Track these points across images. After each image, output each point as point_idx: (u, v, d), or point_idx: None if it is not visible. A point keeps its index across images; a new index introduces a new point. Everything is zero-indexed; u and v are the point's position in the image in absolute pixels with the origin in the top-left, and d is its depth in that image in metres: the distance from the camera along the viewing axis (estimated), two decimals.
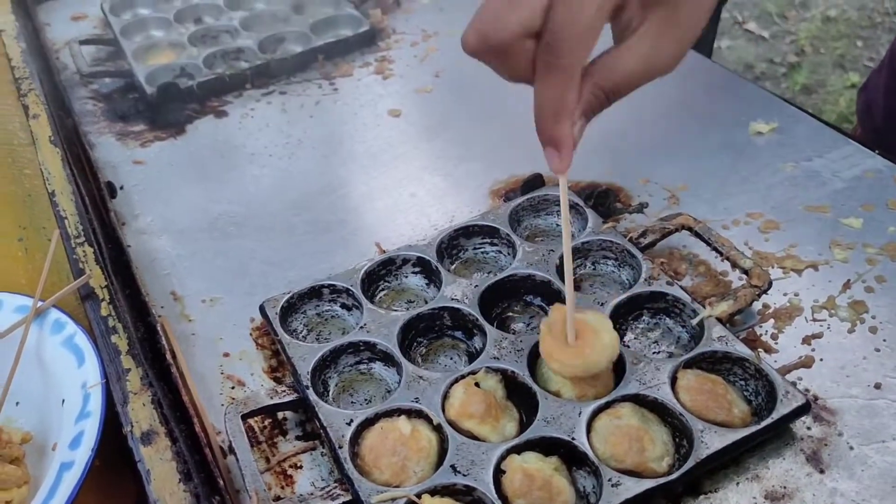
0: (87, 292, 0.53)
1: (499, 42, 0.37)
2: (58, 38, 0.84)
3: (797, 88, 2.34)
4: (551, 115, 0.38)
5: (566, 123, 0.38)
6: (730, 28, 2.66)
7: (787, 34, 2.63)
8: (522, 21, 0.36)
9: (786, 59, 2.51)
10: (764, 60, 2.53)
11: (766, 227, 0.54)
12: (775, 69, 2.48)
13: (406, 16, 0.82)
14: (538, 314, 0.51)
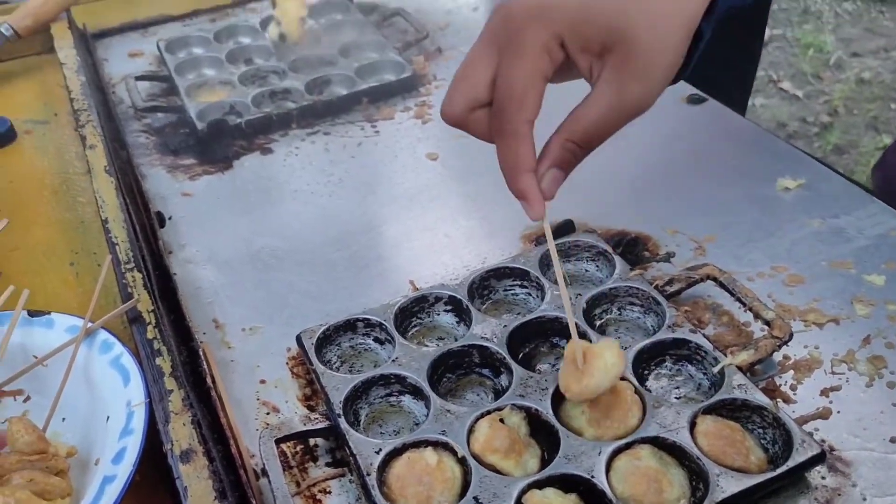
0: (134, 316, 0.55)
1: (450, 118, 0.42)
2: (115, 74, 0.89)
3: (829, 148, 2.36)
4: (510, 172, 0.42)
5: (525, 177, 0.42)
6: (765, 86, 2.69)
7: (822, 94, 2.65)
8: (468, 98, 0.41)
9: (819, 119, 2.53)
10: (797, 119, 2.55)
11: (791, 281, 0.55)
12: (808, 128, 2.50)
13: (447, 63, 0.85)
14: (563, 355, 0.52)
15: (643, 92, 0.41)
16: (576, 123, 0.41)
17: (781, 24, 2.95)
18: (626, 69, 0.40)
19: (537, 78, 0.40)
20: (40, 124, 0.84)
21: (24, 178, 0.77)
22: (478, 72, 0.41)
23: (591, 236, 0.58)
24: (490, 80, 0.40)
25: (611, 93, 0.40)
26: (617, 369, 0.44)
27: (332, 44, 0.86)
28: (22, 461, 0.48)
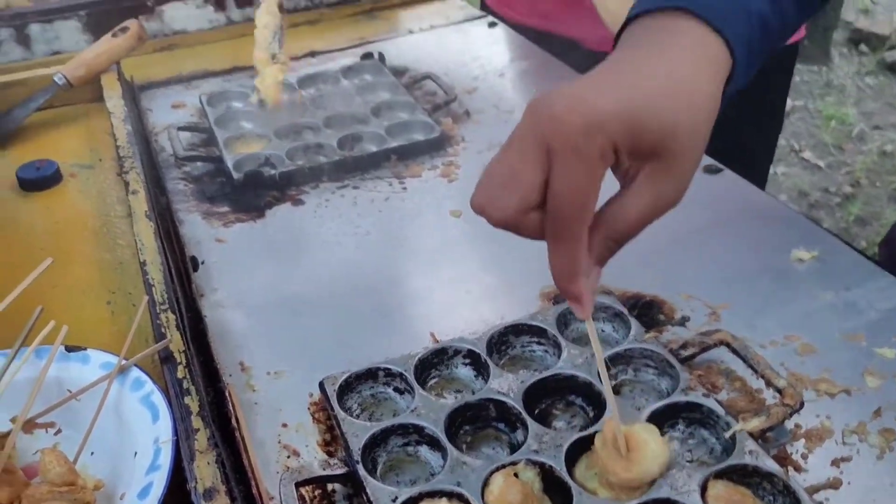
0: (165, 355, 0.58)
1: (500, 221, 0.41)
2: (158, 123, 0.93)
3: (851, 219, 2.37)
4: (566, 277, 0.42)
5: (580, 281, 0.42)
6: (786, 155, 2.72)
7: (844, 165, 2.67)
8: (520, 202, 0.40)
9: (841, 190, 2.55)
10: (819, 189, 2.57)
11: (803, 350, 0.56)
12: (830, 198, 2.52)
13: (474, 126, 0.89)
14: (579, 413, 0.54)
15: (680, 191, 0.43)
16: (616, 223, 0.42)
17: (803, 96, 3.00)
18: (667, 172, 0.41)
19: (595, 185, 0.40)
20: (85, 168, 0.88)
21: (68, 218, 0.81)
22: (528, 175, 0.40)
23: (607, 297, 0.60)
24: (542, 184, 0.40)
25: (650, 193, 0.42)
26: (664, 457, 0.45)
27: (364, 103, 0.91)
28: (52, 492, 0.50)
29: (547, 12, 1.07)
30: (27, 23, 1.06)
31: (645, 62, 0.43)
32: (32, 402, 0.55)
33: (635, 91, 0.41)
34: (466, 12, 1.17)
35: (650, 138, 0.40)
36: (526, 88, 0.97)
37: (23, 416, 0.54)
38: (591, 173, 0.39)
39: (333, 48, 1.07)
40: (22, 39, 1.06)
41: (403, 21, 1.16)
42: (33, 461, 0.56)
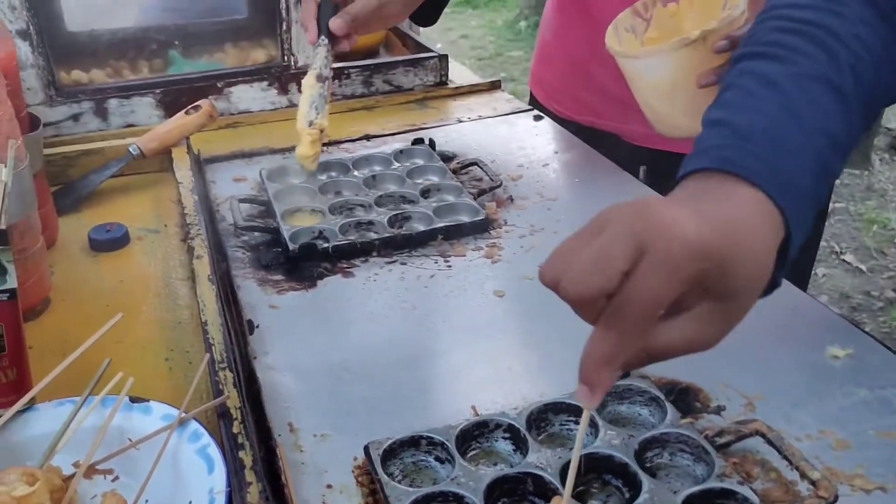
0: (222, 411, 0.61)
1: (577, 297, 0.42)
2: (220, 194, 0.99)
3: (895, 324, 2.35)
4: (598, 363, 0.43)
5: (608, 373, 0.43)
6: (827, 257, 2.73)
7: (886, 270, 2.66)
8: (604, 286, 0.41)
9: (883, 294, 2.53)
10: (861, 292, 2.56)
11: (838, 445, 0.58)
12: (872, 302, 2.50)
13: (518, 211, 0.93)
14: (615, 493, 0.55)
15: (723, 335, 0.45)
16: (658, 341, 0.44)
17: (844, 199, 3.02)
18: (724, 314, 0.44)
19: (670, 301, 0.42)
20: (151, 233, 0.94)
21: (133, 279, 0.86)
22: (619, 264, 0.41)
23: (644, 382, 0.62)
24: (624, 274, 0.41)
25: (700, 329, 0.44)
26: None
27: (414, 185, 0.96)
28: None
29: (595, 109, 1.13)
30: (107, 97, 1.15)
31: (716, 209, 0.45)
32: (96, 448, 0.58)
33: (725, 233, 0.43)
34: (513, 105, 1.24)
35: (730, 282, 0.43)
36: (569, 178, 1.02)
37: (86, 461, 0.58)
38: (673, 291, 0.41)
39: (386, 133, 1.14)
40: (100, 112, 1.15)
41: (453, 111, 1.23)
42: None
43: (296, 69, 1.21)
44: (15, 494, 0.51)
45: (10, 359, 0.62)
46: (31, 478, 0.53)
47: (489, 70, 4.42)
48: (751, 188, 0.47)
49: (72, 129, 1.14)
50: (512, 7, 5.44)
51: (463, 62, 1.37)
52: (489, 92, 1.29)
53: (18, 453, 0.58)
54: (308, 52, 1.20)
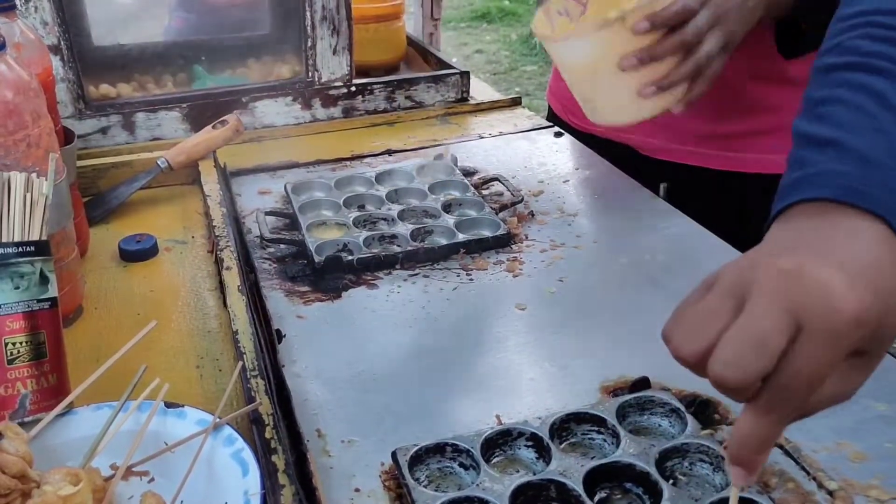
0: (255, 417, 0.63)
1: (736, 384, 0.38)
2: (246, 207, 1.02)
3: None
4: (756, 447, 0.40)
5: (766, 454, 0.41)
6: None
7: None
8: (766, 368, 0.37)
9: None
10: None
11: (855, 457, 0.59)
12: None
13: (539, 227, 0.95)
14: (635, 501, 0.57)
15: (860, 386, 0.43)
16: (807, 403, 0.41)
17: None
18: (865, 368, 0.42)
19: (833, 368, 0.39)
20: (179, 244, 0.97)
21: (163, 288, 0.88)
22: (777, 342, 0.37)
23: (665, 394, 0.64)
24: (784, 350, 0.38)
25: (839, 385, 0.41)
26: None
27: (435, 200, 0.98)
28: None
29: None
30: (135, 111, 1.18)
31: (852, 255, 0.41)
32: (133, 451, 0.61)
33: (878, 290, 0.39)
34: (534, 122, 1.26)
35: (882, 340, 0.40)
36: (589, 194, 1.04)
37: (125, 463, 0.60)
38: (836, 361, 0.38)
39: (408, 148, 1.17)
40: (128, 125, 1.18)
41: (474, 127, 1.25)
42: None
43: (320, 84, 1.24)
44: (61, 493, 0.53)
45: (52, 364, 0.65)
46: (74, 478, 0.55)
47: (504, 84, 4.45)
48: (878, 224, 0.42)
49: (100, 141, 1.17)
50: (526, 22, 5.48)
51: (478, 76, 1.39)
52: (510, 108, 1.32)
53: (59, 455, 0.61)
54: (332, 68, 1.23)
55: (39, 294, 0.64)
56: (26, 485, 0.55)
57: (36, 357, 0.64)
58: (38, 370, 0.64)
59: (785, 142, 1.00)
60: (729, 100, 1.01)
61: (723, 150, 1.05)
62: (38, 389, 0.63)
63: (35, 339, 0.64)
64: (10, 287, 0.63)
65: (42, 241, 0.66)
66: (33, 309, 0.64)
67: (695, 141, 1.06)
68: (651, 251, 0.89)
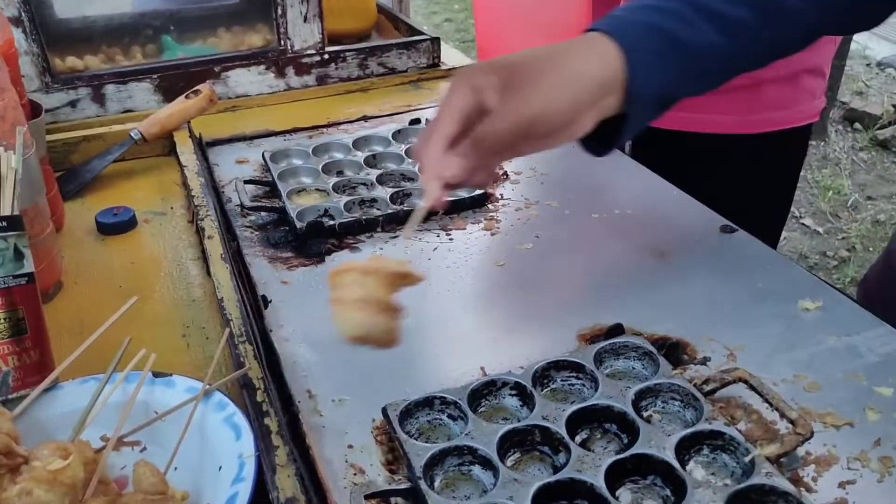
0: (245, 382, 0.65)
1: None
2: (224, 177, 1.03)
3: (847, 280, 2.50)
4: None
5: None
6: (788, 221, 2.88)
7: (840, 232, 2.83)
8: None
9: (838, 254, 2.70)
10: (817, 253, 2.72)
11: (810, 388, 0.64)
12: (828, 261, 2.67)
13: (513, 186, 0.98)
14: (614, 440, 0.61)
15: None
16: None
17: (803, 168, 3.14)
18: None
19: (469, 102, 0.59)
20: (158, 215, 0.98)
21: (143, 260, 0.89)
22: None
23: (638, 339, 0.67)
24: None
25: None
26: None
27: (412, 163, 1.00)
28: (145, 500, 0.56)
29: None
30: (104, 83, 1.17)
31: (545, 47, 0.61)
32: (123, 422, 0.62)
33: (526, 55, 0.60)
34: None
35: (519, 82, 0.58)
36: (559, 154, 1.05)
37: (115, 434, 0.60)
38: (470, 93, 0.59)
39: (383, 114, 1.18)
40: (98, 98, 1.17)
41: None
42: (120, 475, 0.61)
43: (292, 53, 1.24)
44: (51, 468, 0.53)
45: (33, 340, 0.65)
46: (64, 452, 0.55)
47: (473, 53, 4.44)
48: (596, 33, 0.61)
49: (69, 115, 1.16)
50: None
51: (448, 44, 1.40)
52: None
53: (47, 430, 0.61)
54: (304, 36, 1.23)
55: (15, 270, 0.64)
56: (12, 461, 0.55)
57: (16, 334, 0.63)
58: (18, 346, 0.63)
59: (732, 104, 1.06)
60: None
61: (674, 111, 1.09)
62: (20, 366, 0.63)
63: (13, 315, 0.63)
64: None
65: (14, 216, 0.65)
66: (9, 285, 0.63)
67: None
68: (620, 206, 0.92)
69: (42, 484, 0.51)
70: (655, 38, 0.62)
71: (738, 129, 1.07)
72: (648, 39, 0.62)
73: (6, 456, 0.56)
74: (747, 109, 1.06)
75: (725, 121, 1.07)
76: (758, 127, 1.07)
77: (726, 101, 1.06)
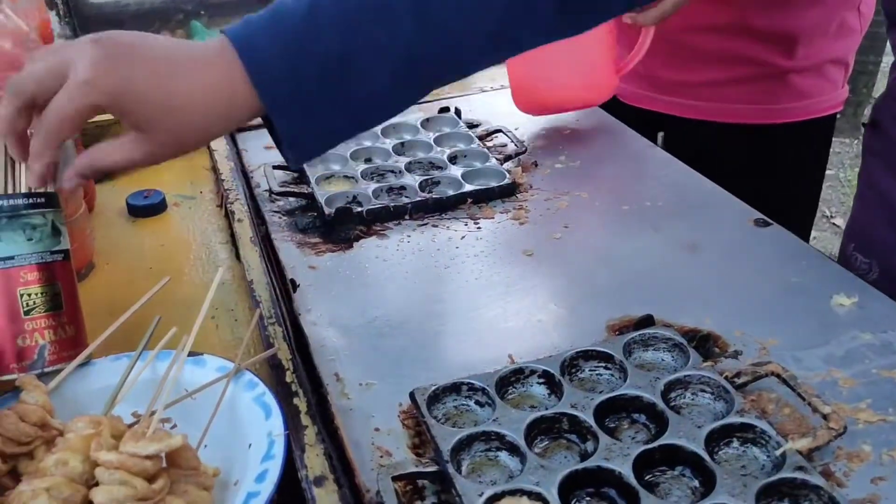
0: (274, 362, 0.66)
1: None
2: (252, 162, 1.03)
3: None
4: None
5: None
6: (818, 220, 2.84)
7: None
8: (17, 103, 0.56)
9: None
10: None
11: (844, 384, 0.63)
12: None
13: (542, 175, 0.98)
14: (642, 430, 0.60)
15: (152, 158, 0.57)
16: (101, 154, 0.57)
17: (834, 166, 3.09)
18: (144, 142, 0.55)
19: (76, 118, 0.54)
20: (187, 199, 0.98)
21: (173, 242, 0.90)
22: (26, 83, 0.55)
23: (668, 330, 0.67)
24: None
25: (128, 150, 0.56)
26: None
27: (441, 151, 1.00)
28: (178, 474, 0.57)
29: None
30: None
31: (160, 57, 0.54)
32: (156, 399, 0.62)
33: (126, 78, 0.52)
34: None
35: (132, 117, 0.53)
36: (590, 144, 1.06)
37: (148, 411, 0.62)
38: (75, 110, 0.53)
39: None
40: None
41: (475, 80, 1.26)
42: None
43: None
44: (84, 434, 0.54)
45: (68, 316, 0.65)
46: (97, 425, 0.56)
47: None
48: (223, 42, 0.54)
49: None
50: None
51: None
52: None
53: (80, 405, 0.62)
54: None
55: (52, 246, 0.64)
56: (48, 433, 0.57)
57: (53, 308, 0.64)
58: (55, 321, 0.64)
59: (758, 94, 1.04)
60: (685, 51, 1.06)
61: (692, 100, 1.10)
62: (56, 340, 0.64)
63: (51, 290, 0.64)
64: (22, 238, 0.63)
65: (51, 193, 0.65)
66: (47, 260, 0.64)
67: (668, 89, 1.11)
68: (651, 198, 0.92)
69: (77, 454, 0.52)
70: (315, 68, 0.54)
71: (764, 119, 1.07)
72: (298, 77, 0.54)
73: (41, 428, 0.57)
74: (773, 99, 1.06)
75: (751, 111, 1.07)
76: (784, 117, 1.07)
77: (752, 91, 1.06)
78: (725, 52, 1.04)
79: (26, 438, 0.56)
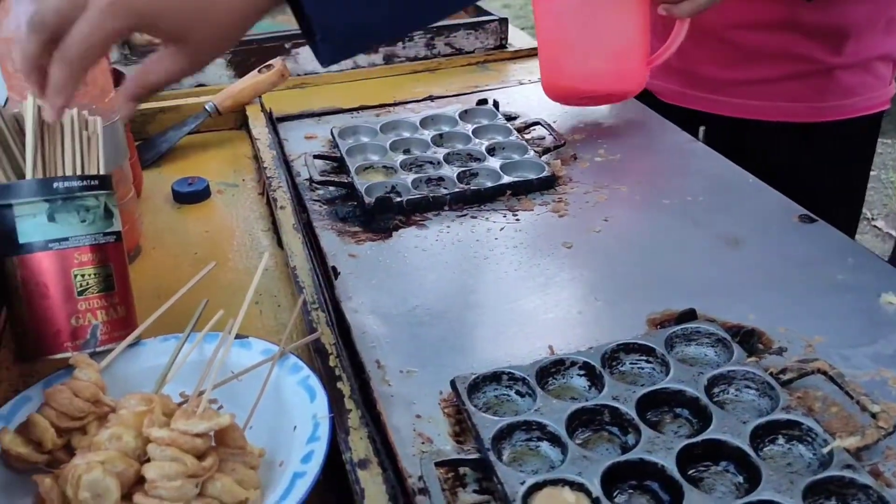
0: (318, 347, 0.66)
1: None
2: (293, 151, 1.04)
3: None
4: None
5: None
6: (859, 222, 2.78)
7: None
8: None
9: None
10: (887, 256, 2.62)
11: (894, 383, 0.62)
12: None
13: (581, 168, 0.97)
14: (685, 424, 0.60)
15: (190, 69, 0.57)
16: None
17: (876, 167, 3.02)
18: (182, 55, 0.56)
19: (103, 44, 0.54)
20: (230, 187, 1.00)
21: (217, 229, 0.92)
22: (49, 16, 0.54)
23: (711, 325, 0.66)
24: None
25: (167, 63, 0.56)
26: None
27: (479, 143, 1.00)
28: (225, 453, 0.59)
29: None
30: None
31: None
32: (204, 379, 0.64)
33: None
34: None
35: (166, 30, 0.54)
36: (630, 137, 1.05)
37: (196, 391, 0.63)
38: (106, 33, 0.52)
39: (449, 94, 1.18)
40: None
41: (513, 73, 1.26)
42: None
43: None
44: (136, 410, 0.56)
45: (120, 297, 0.67)
46: (148, 403, 0.58)
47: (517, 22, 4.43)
48: None
49: None
50: None
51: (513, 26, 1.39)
52: None
53: (130, 384, 0.63)
54: None
55: (105, 228, 0.66)
56: (100, 409, 0.58)
57: (105, 289, 0.65)
58: (107, 301, 0.65)
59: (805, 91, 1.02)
60: (731, 48, 1.04)
61: (736, 98, 1.08)
62: (108, 320, 0.65)
63: (104, 271, 0.65)
64: (76, 220, 0.64)
65: (104, 176, 0.67)
66: (100, 242, 0.65)
67: (710, 87, 1.09)
68: (692, 192, 0.91)
69: (130, 430, 0.53)
70: None
71: (810, 117, 1.06)
72: None
73: (94, 404, 0.58)
74: (819, 97, 1.04)
75: (798, 108, 1.05)
76: (830, 115, 1.05)
77: (798, 89, 1.04)
78: (773, 49, 1.03)
79: (80, 413, 0.58)
